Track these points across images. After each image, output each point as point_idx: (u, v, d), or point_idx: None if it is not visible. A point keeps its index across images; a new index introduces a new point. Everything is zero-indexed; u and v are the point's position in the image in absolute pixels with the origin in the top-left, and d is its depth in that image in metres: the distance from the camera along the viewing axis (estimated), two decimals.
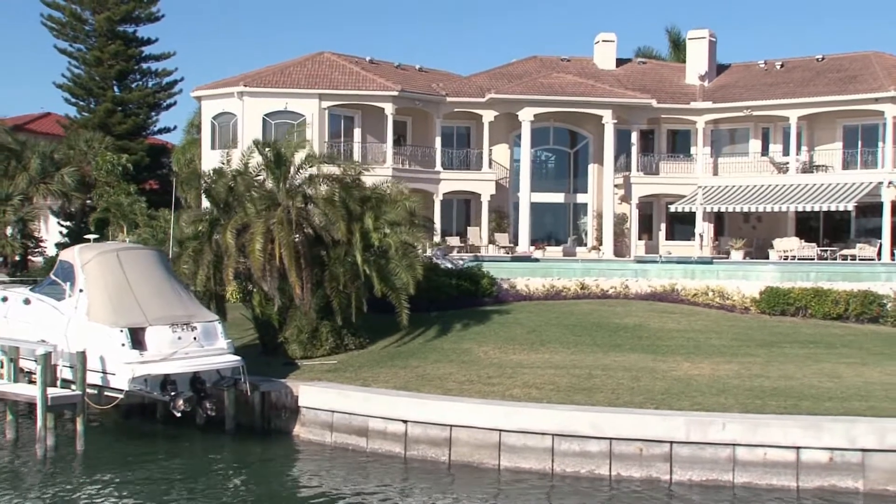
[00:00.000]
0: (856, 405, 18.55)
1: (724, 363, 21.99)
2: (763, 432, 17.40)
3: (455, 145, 44.29)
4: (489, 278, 31.13)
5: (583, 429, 18.05)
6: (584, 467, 18.02)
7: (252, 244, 23.22)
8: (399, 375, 22.01)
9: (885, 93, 38.76)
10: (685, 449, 17.62)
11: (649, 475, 17.70)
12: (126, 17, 54.63)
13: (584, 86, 43.12)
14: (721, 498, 17.05)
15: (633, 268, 33.72)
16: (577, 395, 19.48)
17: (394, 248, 24.38)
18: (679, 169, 44.53)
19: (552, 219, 45.26)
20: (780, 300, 28.95)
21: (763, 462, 17.37)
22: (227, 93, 40.77)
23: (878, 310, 28.48)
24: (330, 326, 25.01)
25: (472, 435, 18.89)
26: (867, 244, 39.55)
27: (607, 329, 26.00)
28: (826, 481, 17.18)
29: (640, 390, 19.75)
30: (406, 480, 18.49)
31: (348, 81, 40.66)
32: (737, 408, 18.44)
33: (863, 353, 23.36)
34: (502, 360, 23.02)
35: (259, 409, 22.28)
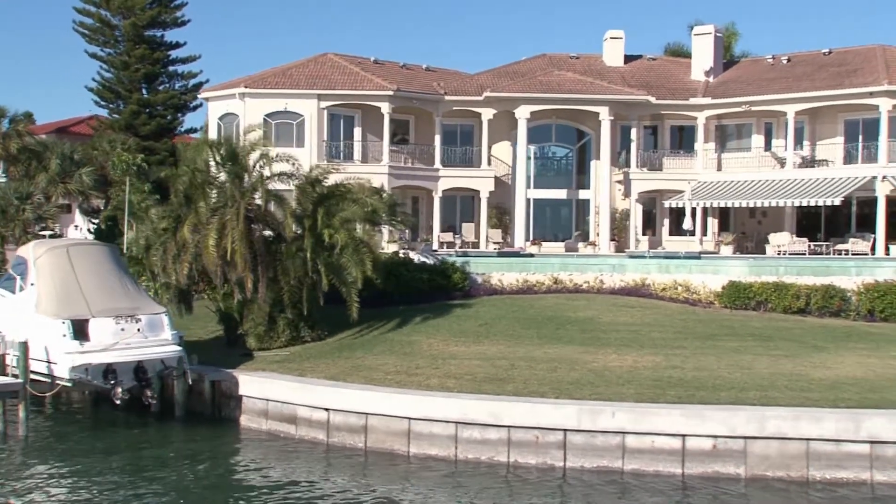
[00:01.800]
0: (751, 395, 18.94)
1: (649, 355, 22.44)
2: (650, 421, 17.94)
3: (458, 143, 45.04)
4: (461, 273, 31.89)
5: (483, 417, 18.77)
6: (484, 454, 18.74)
7: (206, 240, 24.35)
8: (336, 366, 22.93)
9: (879, 87, 38.42)
10: (578, 437, 18.24)
11: (545, 462, 18.35)
12: (152, 22, 56.48)
13: (583, 83, 43.50)
14: (611, 484, 17.61)
15: (610, 262, 34.08)
16: (487, 386, 20.17)
17: (341, 243, 25.27)
18: (681, 165, 44.64)
19: (555, 215, 45.73)
20: (742, 294, 29.18)
21: (651, 449, 17.90)
22: (230, 94, 42.19)
23: (839, 304, 28.54)
24: (287, 319, 26.06)
25: (385, 423, 19.75)
26: (860, 239, 39.25)
27: (557, 322, 26.56)
28: (710, 468, 17.67)
29: (550, 381, 20.36)
30: (328, 466, 19.38)
31: (346, 82, 41.74)
32: (633, 397, 18.96)
33: (795, 346, 23.57)
34: (441, 351, 23.78)
35: (210, 398, 23.41)
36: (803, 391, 19.23)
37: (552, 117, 44.66)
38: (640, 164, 44.06)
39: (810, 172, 40.99)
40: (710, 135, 44.70)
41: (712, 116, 43.99)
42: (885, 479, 17.26)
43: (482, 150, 43.78)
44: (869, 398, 18.69)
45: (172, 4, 57.48)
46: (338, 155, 42.23)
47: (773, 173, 42.11)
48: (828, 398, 18.69)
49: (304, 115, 41.27)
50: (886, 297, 28.25)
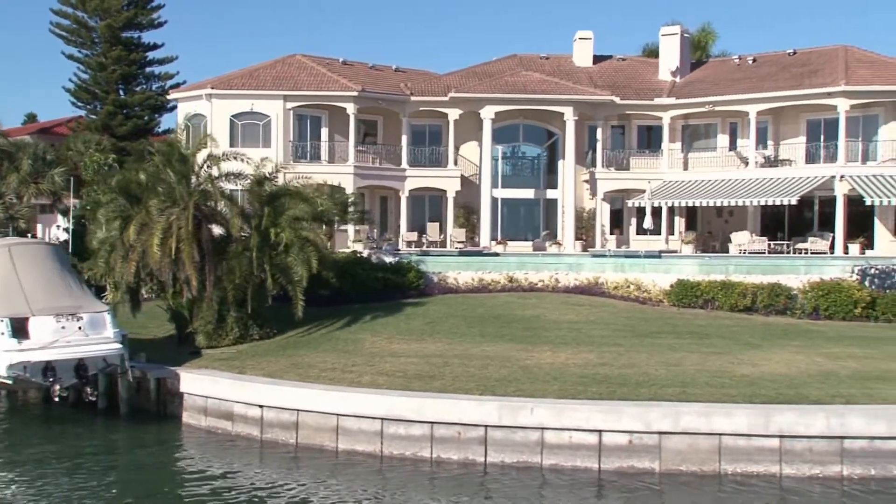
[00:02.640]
0: (670, 391, 19.30)
1: (583, 353, 22.81)
2: (568, 416, 18.31)
3: (427, 143, 45.30)
4: (416, 272, 32.29)
5: (407, 413, 19.14)
6: (408, 450, 19.11)
7: (151, 239, 24.70)
8: (277, 364, 23.29)
9: (837, 87, 38.71)
10: (498, 432, 18.62)
11: (466, 457, 18.73)
12: (128, 24, 56.80)
13: (548, 84, 43.81)
14: (530, 479, 17.96)
15: (567, 262, 34.42)
16: (416, 383, 20.54)
17: (286, 242, 25.63)
18: (648, 164, 44.91)
19: (524, 214, 46.00)
20: (689, 293, 29.56)
21: (569, 445, 18.28)
22: (198, 95, 42.47)
23: (784, 302, 28.92)
24: (235, 318, 26.42)
25: (315, 419, 20.15)
26: (819, 238, 39.55)
27: (503, 320, 26.92)
28: (626, 462, 18.05)
29: (479, 378, 20.72)
30: (258, 462, 19.75)
31: (312, 82, 42.04)
32: (556, 394, 19.33)
33: (729, 344, 23.94)
34: (382, 349, 24.15)
35: (155, 395, 23.78)
36: (723, 387, 19.59)
37: (520, 117, 44.93)
38: (607, 164, 44.34)
39: (773, 172, 41.28)
40: (677, 134, 44.98)
41: (678, 116, 44.28)
42: (794, 472, 17.67)
43: (449, 150, 44.08)
44: (784, 394, 19.06)
45: (149, 6, 57.83)
46: (305, 155, 42.53)
47: (737, 173, 42.38)
48: (744, 394, 19.07)
49: (270, 116, 41.57)
50: (830, 295, 28.66)
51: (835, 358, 22.35)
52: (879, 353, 23.00)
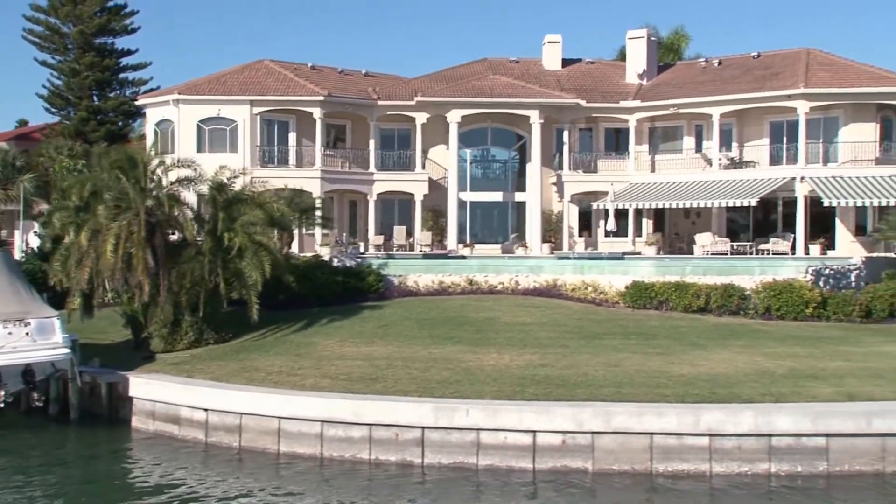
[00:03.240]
0: (605, 391, 19.55)
1: (528, 354, 23.03)
2: (503, 417, 18.54)
3: (396, 147, 45.58)
4: (376, 275, 32.49)
5: (346, 416, 19.36)
6: (348, 452, 19.32)
7: (104, 245, 24.85)
8: (226, 367, 23.46)
9: (796, 89, 39.11)
10: (435, 434, 18.82)
11: (404, 459, 18.94)
12: (101, 30, 57.05)
13: (514, 87, 44.10)
14: (465, 480, 18.18)
15: (528, 264, 34.67)
16: (358, 385, 20.75)
17: (238, 246, 25.82)
18: (615, 166, 45.25)
19: (494, 217, 46.30)
20: (643, 294, 29.82)
21: (504, 445, 18.50)
22: (165, 101, 42.68)
23: (737, 302, 29.19)
24: (190, 322, 26.57)
25: (257, 422, 20.34)
26: (781, 239, 39.95)
27: (455, 323, 27.15)
28: (560, 462, 18.28)
29: (420, 380, 20.94)
30: (201, 465, 19.90)
31: (278, 87, 42.28)
32: (492, 395, 19.56)
33: (675, 344, 24.19)
34: (332, 352, 24.34)
35: (106, 399, 23.94)
36: (658, 387, 19.85)
37: (488, 121, 45.23)
38: (574, 167, 44.66)
39: (737, 173, 41.65)
40: (644, 137, 45.33)
41: (644, 119, 44.64)
42: (723, 470, 17.92)
43: (416, 153, 44.33)
44: (717, 393, 19.33)
45: (122, 13, 58.07)
46: (272, 160, 42.78)
47: (702, 174, 42.75)
48: (678, 394, 19.33)
49: (237, 121, 41.79)
50: (782, 295, 28.94)
51: (775, 357, 22.63)
52: (820, 353, 23.29)
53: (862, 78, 39.51)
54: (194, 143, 41.82)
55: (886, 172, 38.39)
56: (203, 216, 27.29)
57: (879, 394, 19.45)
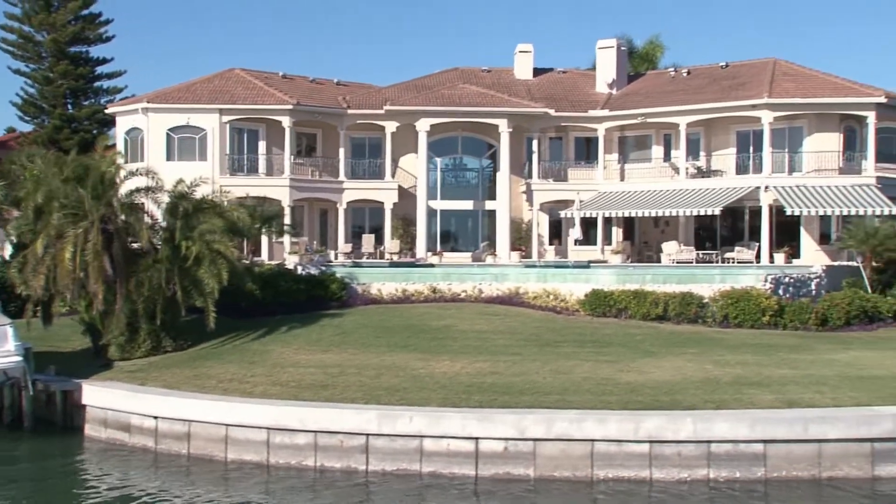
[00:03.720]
0: (550, 399, 19.72)
1: (479, 362, 23.17)
2: (445, 424, 18.66)
3: (367, 155, 45.77)
4: (339, 283, 32.60)
5: (291, 423, 19.45)
6: (294, 459, 19.40)
7: (61, 253, 24.92)
8: (180, 375, 23.53)
9: (760, 100, 39.47)
10: (379, 441, 18.93)
11: (349, 465, 19.03)
12: (75, 38, 56.95)
13: (483, 96, 44.35)
14: (409, 487, 18.29)
15: (492, 272, 34.80)
16: (306, 392, 20.86)
17: (194, 254, 25.91)
18: (585, 175, 45.53)
19: (465, 226, 46.52)
20: (602, 302, 30.02)
21: (447, 452, 18.62)
22: (134, 109, 42.79)
23: (695, 310, 29.42)
24: (148, 330, 26.64)
25: (205, 429, 20.39)
26: (746, 248, 40.27)
27: (413, 331, 27.26)
28: (502, 469, 18.40)
29: (368, 387, 21.07)
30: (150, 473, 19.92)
31: (247, 96, 42.42)
32: (438, 402, 19.71)
33: (627, 352, 24.38)
34: (287, 360, 24.42)
35: (61, 407, 23.95)
36: (603, 394, 20.02)
37: (459, 130, 45.47)
38: (543, 175, 44.93)
39: (704, 182, 41.97)
40: (614, 146, 45.64)
41: (614, 128, 44.94)
42: (663, 476, 18.08)
43: (386, 162, 44.52)
44: (660, 400, 19.52)
45: (96, 21, 58.03)
46: (242, 168, 42.90)
47: (670, 183, 43.06)
48: (621, 401, 19.50)
49: (206, 130, 41.91)
50: (739, 303, 29.19)
51: (723, 365, 22.84)
52: (769, 360, 23.52)
53: (825, 88, 39.90)
54: (163, 152, 41.96)
55: (849, 182, 38.74)
56: (161, 224, 27.34)
57: (819, 401, 19.68)
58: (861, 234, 34.09)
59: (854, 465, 18.34)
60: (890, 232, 33.80)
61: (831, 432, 18.29)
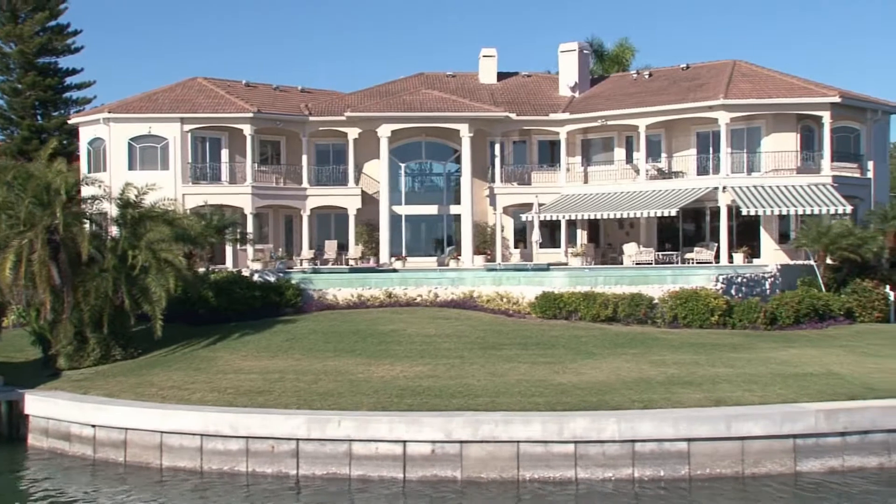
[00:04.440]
0: (480, 401, 19.90)
1: (419, 365, 23.34)
2: (374, 428, 18.83)
3: (332, 161, 45.91)
4: (294, 289, 32.73)
5: (223, 429, 19.60)
6: (226, 465, 19.56)
7: (3, 262, 25.02)
8: (124, 383, 23.66)
9: (716, 101, 39.74)
10: (309, 445, 19.10)
11: (279, 470, 19.20)
12: (42, 50, 57.02)
13: (444, 101, 44.56)
14: (339, 490, 18.44)
15: (449, 276, 34.95)
16: (241, 398, 21.01)
17: (141, 263, 26.04)
18: (548, 178, 45.75)
19: (430, 230, 46.67)
20: (552, 304, 30.21)
21: (376, 455, 18.80)
22: (96, 119, 42.90)
23: (644, 311, 29.61)
24: (98, 338, 26.75)
25: (141, 437, 20.54)
26: (705, 248, 40.53)
27: (361, 336, 27.40)
28: (430, 471, 18.58)
29: (304, 392, 21.22)
30: (90, 482, 19.99)
31: (208, 105, 42.54)
32: (370, 406, 19.87)
33: (568, 354, 24.55)
34: (231, 366, 24.55)
35: (6, 418, 24.07)
36: (533, 396, 20.20)
37: (422, 135, 45.67)
38: (506, 179, 45.16)
39: (665, 184, 42.21)
40: (577, 149, 45.88)
41: (576, 131, 45.18)
42: (588, 476, 18.28)
43: (349, 168, 44.68)
44: (588, 401, 19.71)
45: (64, 32, 58.12)
46: (204, 177, 43.01)
47: (632, 185, 43.28)
48: (550, 402, 19.69)
49: (168, 139, 42.02)
50: (688, 303, 29.39)
51: (661, 365, 23.04)
52: (707, 359, 23.73)
53: (781, 89, 40.20)
54: (125, 161, 42.10)
55: (805, 181, 39.03)
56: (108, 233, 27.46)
57: (747, 399, 19.91)
58: (813, 233, 34.34)
59: (777, 461, 18.59)
60: (842, 231, 34.05)
61: (754, 429, 18.53)
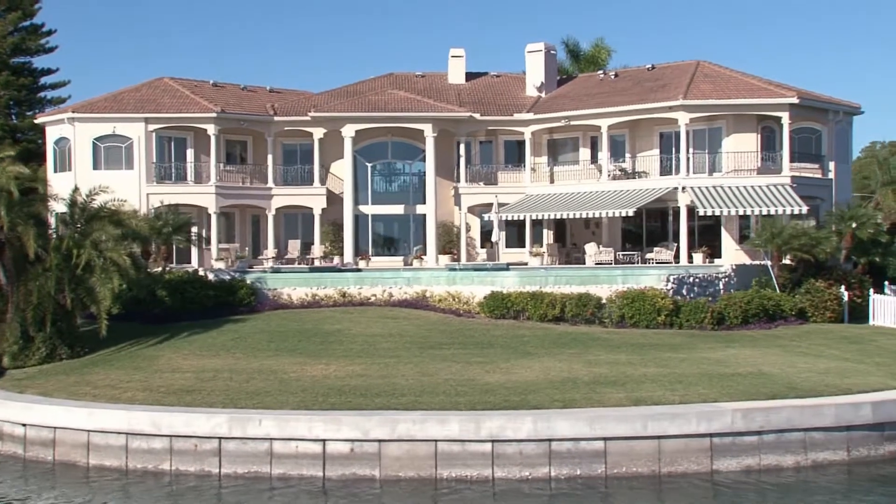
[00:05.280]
0: (403, 400, 20.10)
1: (353, 365, 23.55)
2: (293, 427, 18.98)
3: (299, 161, 45.98)
4: (248, 289, 32.92)
5: (146, 427, 19.73)
6: (150, 463, 19.69)
7: None
8: (62, 382, 23.79)
9: (675, 101, 39.88)
10: (231, 444, 19.24)
11: (202, 469, 19.33)
12: (16, 49, 57.08)
13: (409, 101, 44.68)
14: (260, 488, 18.58)
15: (405, 276, 35.11)
16: (170, 397, 21.18)
17: (84, 263, 26.21)
18: (514, 178, 45.87)
19: (396, 230, 46.79)
20: (500, 304, 30.40)
21: (296, 454, 18.95)
22: (61, 119, 43.00)
23: (591, 311, 29.79)
24: (43, 338, 26.89)
25: (70, 436, 20.65)
26: (664, 248, 40.69)
27: (305, 335, 27.60)
28: (349, 470, 18.73)
29: (233, 391, 21.39)
30: (17, 480, 20.10)
31: (172, 105, 42.63)
32: (294, 405, 20.05)
33: (505, 353, 24.80)
34: (171, 365, 24.73)
35: None
36: (457, 395, 20.37)
37: (389, 135, 45.77)
38: (471, 179, 45.27)
39: (627, 184, 42.33)
40: (542, 148, 46.00)
41: (542, 131, 45.29)
42: (505, 474, 18.43)
43: (315, 168, 44.81)
44: (509, 400, 19.89)
45: (38, 32, 58.21)
46: (169, 176, 43.11)
47: (596, 185, 43.36)
48: (471, 401, 19.86)
49: (132, 139, 42.10)
50: (634, 304, 29.59)
51: (593, 365, 23.22)
52: (641, 359, 23.92)
53: (741, 90, 40.34)
54: (90, 161, 42.17)
55: (765, 182, 39.18)
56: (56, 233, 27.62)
57: (668, 398, 20.08)
58: (766, 233, 34.52)
59: (693, 460, 18.75)
60: (795, 231, 34.21)
61: (670, 429, 18.70)
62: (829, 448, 19.50)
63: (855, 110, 43.92)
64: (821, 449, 19.43)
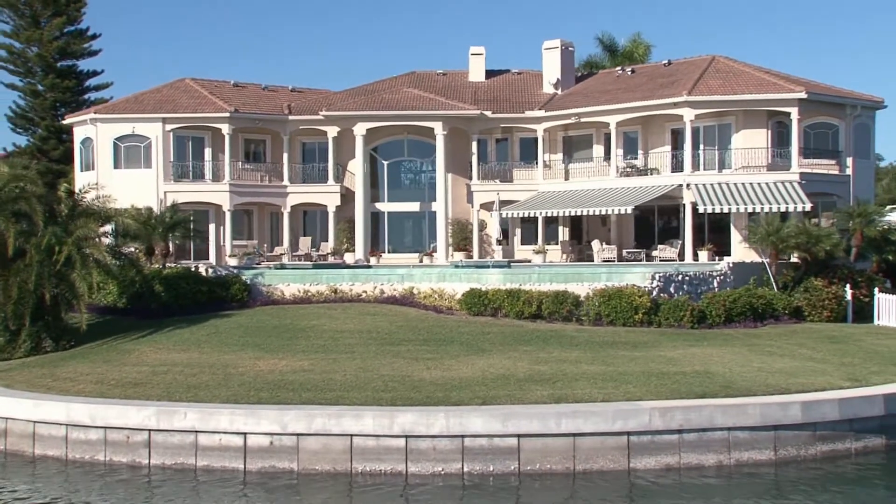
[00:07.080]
0: (329, 395, 20.48)
1: (306, 360, 24.02)
2: (216, 420, 19.51)
3: (317, 160, 46.72)
4: (240, 284, 33.67)
5: (84, 419, 20.47)
6: (87, 454, 20.42)
7: None
8: (33, 374, 24.75)
9: (680, 97, 39.36)
10: (160, 436, 19.85)
11: (134, 460, 19.98)
12: (61, 53, 59.15)
13: (421, 99, 44.98)
14: (184, 479, 19.15)
15: (399, 273, 35.42)
16: (117, 389, 21.91)
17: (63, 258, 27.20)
18: (528, 175, 45.83)
19: (412, 227, 47.20)
20: (478, 301, 30.53)
21: (219, 446, 19.46)
22: (84, 119, 44.51)
23: (568, 309, 29.72)
24: (29, 331, 28.00)
25: (17, 426, 21.55)
26: (669, 245, 40.20)
27: (279, 331, 28.18)
28: (268, 463, 19.18)
29: (178, 384, 22.02)
30: None
31: (189, 105, 43.72)
32: (226, 398, 20.58)
33: (458, 350, 24.96)
34: (139, 359, 25.53)
35: None
36: (385, 391, 20.65)
37: (404, 133, 46.17)
38: (484, 176, 45.37)
39: (636, 181, 41.96)
40: (557, 145, 45.87)
41: (555, 128, 45.14)
42: (419, 470, 18.66)
43: (329, 166, 45.45)
44: (433, 396, 20.12)
45: (83, 36, 60.17)
46: (187, 175, 44.22)
47: (608, 182, 43.10)
48: (395, 397, 20.14)
49: (150, 138, 43.31)
50: (612, 301, 29.41)
51: (539, 362, 23.23)
52: (590, 357, 23.85)
53: (750, 85, 39.62)
54: (111, 160, 43.55)
55: (773, 178, 38.43)
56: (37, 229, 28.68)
57: (593, 396, 20.04)
58: (763, 231, 33.91)
59: (610, 458, 18.71)
60: (792, 230, 33.50)
61: (585, 426, 18.69)
62: (754, 447, 19.27)
63: (877, 104, 42.68)
64: (745, 448, 19.21)
